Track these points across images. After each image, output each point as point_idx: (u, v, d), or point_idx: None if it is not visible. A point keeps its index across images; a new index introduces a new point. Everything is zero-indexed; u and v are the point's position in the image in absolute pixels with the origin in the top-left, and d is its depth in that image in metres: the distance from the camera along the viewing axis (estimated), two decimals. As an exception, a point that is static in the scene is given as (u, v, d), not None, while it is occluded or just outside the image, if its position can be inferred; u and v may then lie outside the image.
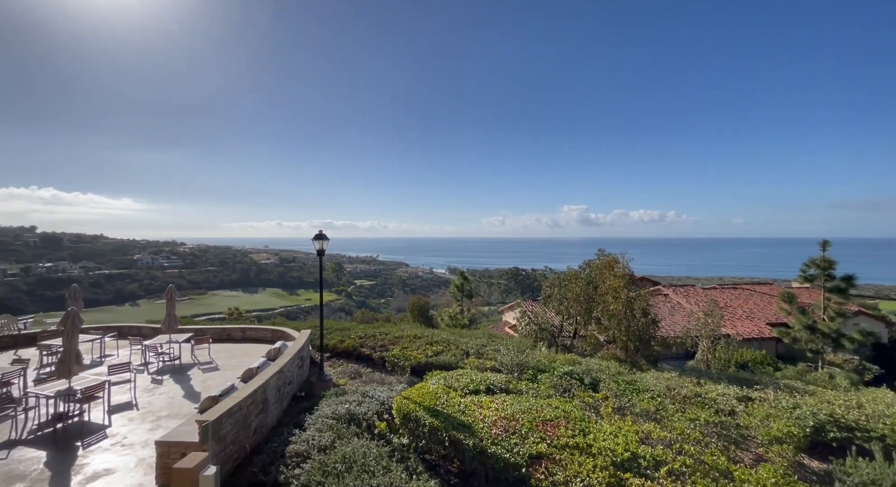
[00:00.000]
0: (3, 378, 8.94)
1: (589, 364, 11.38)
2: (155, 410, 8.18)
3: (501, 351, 11.62)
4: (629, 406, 8.64)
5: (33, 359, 11.53)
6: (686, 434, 7.31)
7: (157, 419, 7.74)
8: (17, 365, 9.81)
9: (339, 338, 13.63)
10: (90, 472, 5.94)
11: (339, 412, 7.33)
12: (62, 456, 6.37)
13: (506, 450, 6.22)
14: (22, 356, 11.82)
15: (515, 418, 7.14)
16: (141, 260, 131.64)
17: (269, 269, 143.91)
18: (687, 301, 23.58)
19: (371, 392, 8.64)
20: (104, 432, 7.19)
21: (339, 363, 12.45)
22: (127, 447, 6.67)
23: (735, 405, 8.70)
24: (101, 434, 7.09)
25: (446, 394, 8.02)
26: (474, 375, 9.47)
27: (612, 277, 13.78)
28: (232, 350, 13.17)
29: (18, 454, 6.44)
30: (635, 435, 6.95)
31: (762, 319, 22.18)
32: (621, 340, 13.36)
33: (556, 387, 9.53)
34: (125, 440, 6.91)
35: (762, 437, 7.44)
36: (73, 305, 10.91)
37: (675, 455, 6.54)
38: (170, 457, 5.51)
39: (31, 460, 6.25)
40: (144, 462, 6.16)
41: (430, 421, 6.87)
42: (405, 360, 11.65)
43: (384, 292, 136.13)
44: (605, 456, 6.23)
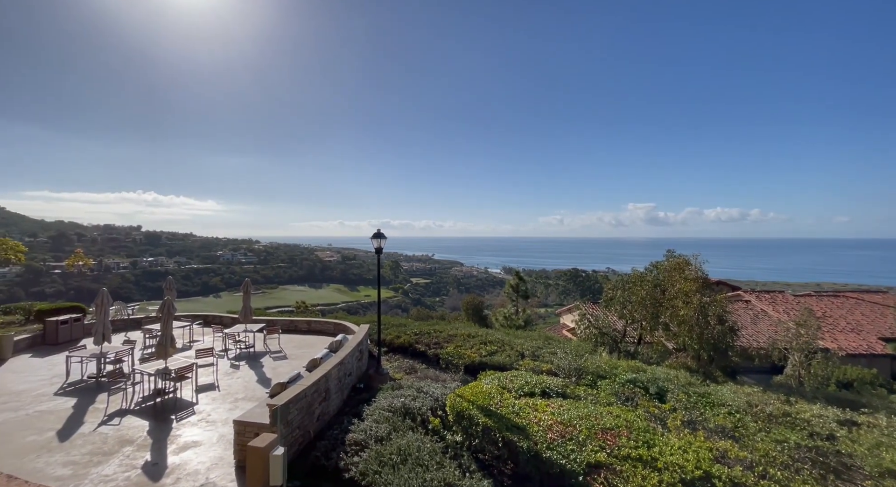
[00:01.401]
0: (118, 356, 10.41)
1: (655, 372, 10.60)
2: (233, 392, 9.01)
3: (558, 354, 11.23)
4: (701, 420, 7.91)
5: (139, 341, 13.28)
6: (771, 457, 6.53)
7: (235, 400, 8.53)
8: (127, 346, 11.36)
9: (396, 334, 14.02)
10: (182, 443, 6.70)
11: (395, 405, 7.54)
12: (161, 426, 7.26)
13: (562, 456, 6.00)
14: (130, 337, 13.66)
15: (572, 424, 6.86)
16: (222, 256, 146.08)
17: (333, 266, 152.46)
18: (774, 308, 21.04)
19: (425, 388, 8.78)
20: (192, 409, 8.07)
21: (395, 358, 12.82)
22: (210, 423, 7.42)
23: (835, 429, 7.60)
24: (189, 410, 7.97)
25: (500, 395, 7.92)
26: (529, 377, 9.25)
27: (682, 280, 12.70)
28: (298, 340, 14.12)
29: (128, 422, 7.44)
30: (708, 453, 6.36)
31: (873, 333, 19.12)
32: (693, 348, 12.26)
33: (617, 395, 9.01)
34: (209, 417, 7.69)
35: (871, 469, 6.42)
36: (168, 295, 12.39)
37: (758, 479, 5.88)
38: (245, 436, 6.03)
39: (137, 428, 7.20)
40: (224, 438, 6.81)
41: (484, 421, 6.83)
42: (459, 358, 11.70)
43: (439, 290, 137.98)
44: (672, 472, 5.77)
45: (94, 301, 10.19)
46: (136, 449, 6.46)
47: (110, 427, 7.24)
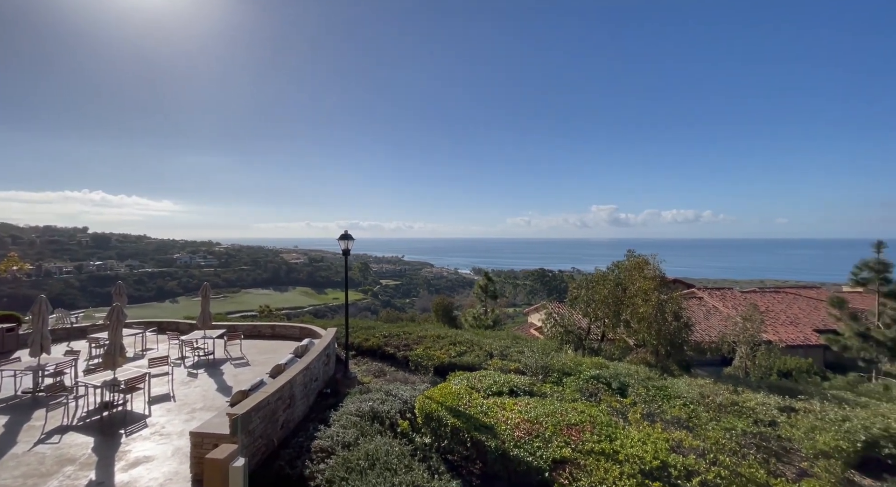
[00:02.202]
0: (58, 367, 9.62)
1: (617, 368, 11.04)
2: (190, 402, 8.56)
3: (526, 352, 11.46)
4: (659, 412, 8.31)
5: (83, 351, 12.33)
6: (721, 444, 6.96)
7: (192, 410, 8.10)
8: (70, 356, 10.53)
9: (364, 337, 13.82)
10: (132, 458, 6.28)
11: (362, 409, 7.43)
12: (108, 443, 6.77)
13: (528, 453, 6.13)
14: (74, 347, 12.67)
15: (539, 421, 7.02)
16: (179, 259, 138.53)
17: (299, 269, 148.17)
18: (724, 305, 22.48)
19: (394, 390, 8.70)
20: (144, 421, 7.59)
21: (363, 361, 12.63)
22: (164, 436, 7.01)
23: (776, 415, 8.21)
24: (141, 424, 7.49)
25: (469, 395, 7.99)
26: (497, 376, 9.38)
27: (641, 279, 13.31)
28: (262, 346, 13.61)
29: (69, 439, 6.89)
30: (665, 443, 6.69)
31: (808, 325, 20.84)
32: (651, 344, 12.88)
33: (581, 391, 9.30)
34: (163, 429, 7.26)
35: (807, 451, 6.98)
36: (118, 301, 11.59)
37: (709, 466, 6.24)
38: (203, 448, 5.74)
39: (80, 445, 6.68)
40: (180, 451, 6.45)
41: (453, 422, 6.86)
42: (428, 360, 11.69)
43: (409, 292, 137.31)
44: (632, 464, 6.02)
45: (31, 309, 9.38)
46: (78, 469, 5.99)
47: (48, 446, 6.67)
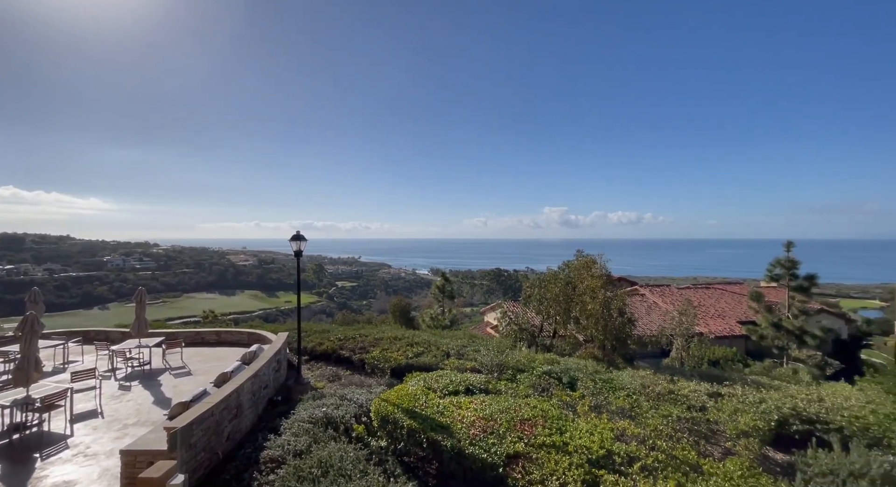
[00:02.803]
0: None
1: (567, 363, 11.55)
2: (121, 418, 7.86)
3: (482, 351, 11.68)
4: (605, 404, 8.80)
5: (-11, 367, 10.91)
6: (659, 431, 7.49)
7: (123, 427, 7.44)
8: (-29, 374, 9.28)
9: (318, 341, 13.42)
10: (49, 484, 5.66)
11: (316, 416, 7.21)
12: (18, 469, 6.05)
13: (483, 450, 6.25)
14: (-23, 363, 11.17)
15: (494, 418, 7.18)
16: (111, 261, 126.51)
17: (248, 271, 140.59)
18: (663, 300, 24.24)
19: (349, 395, 8.53)
20: (65, 442, 6.86)
21: (317, 366, 12.26)
22: (90, 457, 6.38)
23: (706, 401, 8.97)
24: (61, 445, 6.76)
25: (425, 396, 8.00)
26: (454, 376, 9.48)
27: (589, 277, 14.04)
28: (206, 354, 12.79)
29: (-31, 468, 6.08)
30: (611, 433, 7.09)
31: (733, 318, 23.01)
32: (599, 339, 13.61)
33: (534, 387, 9.63)
34: (88, 450, 6.61)
35: (730, 431, 7.70)
36: (32, 309, 10.38)
37: (649, 451, 6.69)
38: (136, 467, 5.30)
39: (-17, 474, 5.92)
40: (109, 473, 5.90)
41: (409, 423, 6.84)
42: (385, 362, 11.57)
43: (366, 293, 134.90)
44: (580, 454, 6.33)
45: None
46: (-17, 500, 5.32)
47: (-57, 478, 5.86)
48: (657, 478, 5.92)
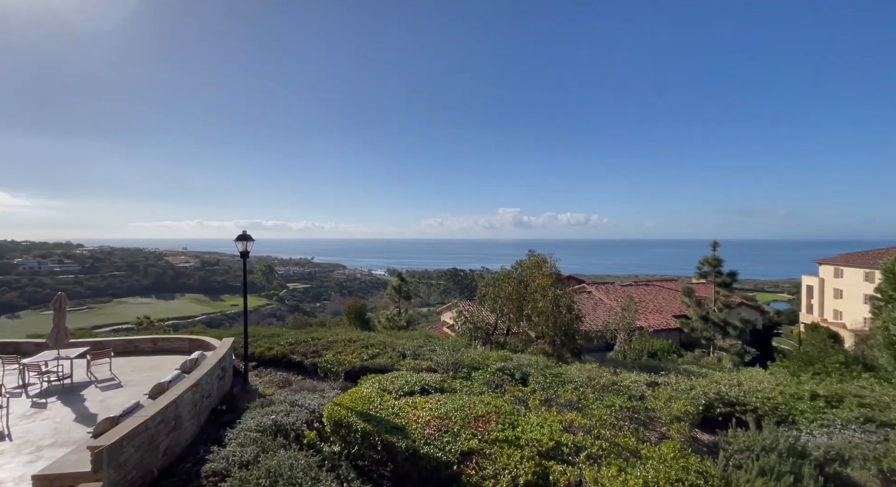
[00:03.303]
0: None
1: (520, 359, 11.93)
2: (35, 439, 7.04)
3: (437, 351, 11.76)
4: (555, 397, 9.20)
5: None
6: (603, 420, 7.95)
7: (37, 449, 6.68)
8: None
9: (268, 345, 12.84)
10: (-57, 521, 4.96)
11: (264, 424, 6.91)
12: None
13: (438, 449, 6.31)
14: None
15: (449, 416, 7.26)
16: (24, 264, 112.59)
17: (189, 273, 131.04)
18: (607, 297, 25.73)
19: (301, 400, 8.26)
20: (-36, 471, 6.04)
21: (266, 372, 11.73)
22: (-4, 485, 5.66)
23: (645, 390, 9.65)
24: (-41, 474, 5.95)
25: (380, 397, 7.94)
26: (409, 376, 9.47)
27: (540, 276, 14.61)
28: (140, 364, 11.78)
29: None
30: (559, 425, 7.42)
31: (669, 312, 24.94)
32: (549, 335, 14.20)
33: (488, 384, 9.85)
34: (-7, 477, 5.86)
35: (665, 417, 8.35)
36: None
37: (594, 440, 7.09)
38: (54, 492, 4.79)
39: None
40: (20, 501, 5.28)
41: (363, 426, 6.76)
42: (339, 365, 11.30)
43: (320, 295, 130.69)
44: (531, 447, 6.57)
45: None
46: None
47: None
48: (601, 465, 6.29)
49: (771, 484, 5.97)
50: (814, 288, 46.32)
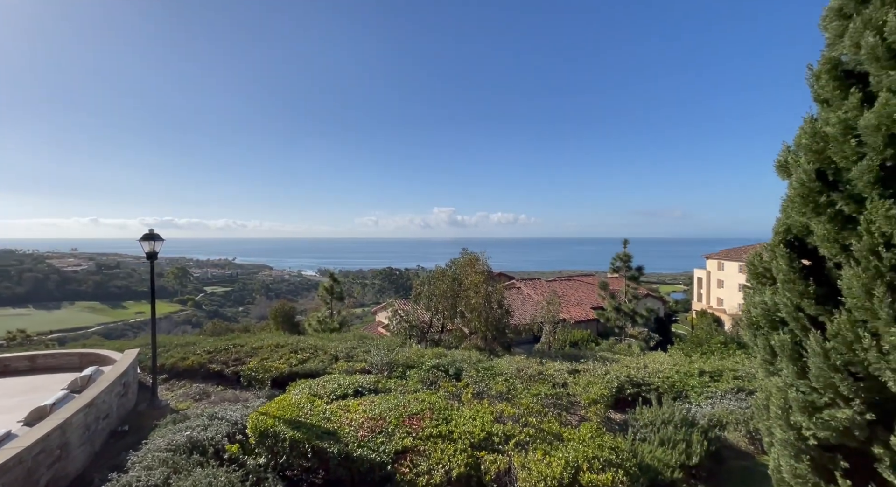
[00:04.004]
0: None
1: (454, 355, 12.22)
2: None
3: (372, 351, 11.59)
4: (487, 390, 9.58)
5: None
6: (531, 408, 8.46)
7: None
8: None
9: (182, 355, 11.67)
10: None
11: (176, 441, 6.27)
12: None
13: (372, 450, 6.25)
14: None
15: (383, 417, 7.22)
16: None
17: (81, 278, 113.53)
18: (535, 292, 27.33)
19: (221, 412, 7.63)
20: None
21: (180, 384, 10.66)
22: None
23: (567, 378, 10.46)
24: None
25: (311, 403, 7.63)
26: (342, 379, 9.22)
27: (473, 274, 15.08)
28: (12, 386, 9.99)
29: None
30: (490, 416, 7.74)
31: (588, 304, 27.20)
32: (481, 330, 14.73)
33: (423, 381, 9.96)
34: None
35: (584, 401, 9.13)
36: None
37: (522, 428, 7.51)
38: None
39: None
40: None
41: (292, 434, 6.45)
42: (265, 372, 10.63)
43: (243, 299, 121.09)
44: (464, 440, 6.78)
45: None
46: None
47: None
48: (528, 451, 6.70)
49: (669, 452, 6.85)
50: (702, 279, 53.57)
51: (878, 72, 2.86)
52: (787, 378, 3.47)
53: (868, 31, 2.82)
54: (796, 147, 3.56)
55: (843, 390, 3.00)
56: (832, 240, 3.20)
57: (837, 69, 3.18)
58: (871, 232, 2.88)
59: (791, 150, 3.66)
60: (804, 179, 3.32)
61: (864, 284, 2.89)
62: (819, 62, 3.28)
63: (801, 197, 3.37)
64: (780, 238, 3.68)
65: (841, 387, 3.01)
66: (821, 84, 3.27)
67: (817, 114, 3.45)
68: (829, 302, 3.31)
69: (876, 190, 2.92)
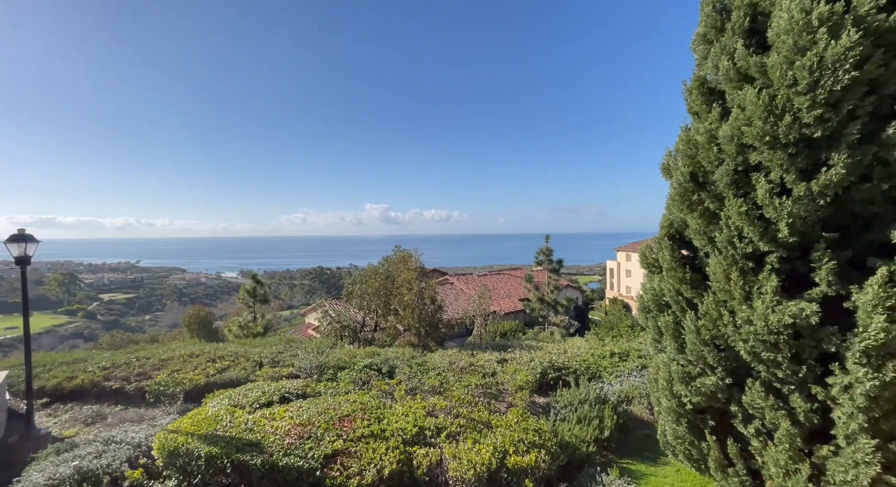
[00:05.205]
0: None
1: (387, 353, 12.14)
2: None
3: (300, 355, 11.09)
4: (420, 385, 9.67)
5: None
6: (462, 399, 8.72)
7: None
8: None
9: (69, 374, 10.16)
10: None
11: (60, 474, 5.46)
12: None
13: (299, 458, 6.01)
14: None
15: (311, 422, 6.96)
16: None
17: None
18: (467, 287, 28.12)
19: (119, 435, 6.79)
20: None
21: (66, 408, 9.26)
22: None
23: (496, 367, 10.95)
24: None
25: (230, 415, 7.11)
26: (267, 386, 8.71)
27: (406, 271, 15.08)
28: None
29: None
30: (423, 411, 7.84)
31: (516, 296, 28.68)
32: (415, 327, 14.82)
33: (355, 382, 9.77)
34: None
35: (511, 388, 9.65)
36: None
37: (453, 419, 7.72)
38: None
39: None
40: None
41: (207, 450, 5.96)
42: (176, 386, 9.65)
43: (150, 306, 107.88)
44: (396, 437, 6.79)
45: None
46: None
47: None
48: (459, 441, 6.92)
49: (585, 428, 7.52)
50: (614, 269, 59.23)
51: (731, 90, 3.42)
52: (670, 353, 4.02)
53: (723, 56, 3.37)
54: (675, 152, 4.13)
55: (710, 360, 3.57)
56: (702, 233, 3.78)
57: (704, 86, 3.75)
58: (728, 226, 3.46)
59: (672, 155, 4.23)
60: (681, 180, 3.87)
61: (724, 270, 3.46)
62: (690, 79, 3.84)
63: (679, 196, 3.91)
64: (665, 232, 4.25)
65: (708, 358, 3.58)
66: (692, 98, 3.83)
67: (691, 124, 4.03)
68: (701, 287, 3.91)
69: (731, 190, 3.50)
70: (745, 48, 3.31)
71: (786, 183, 3.26)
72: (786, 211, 3.12)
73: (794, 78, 2.92)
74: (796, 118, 3.01)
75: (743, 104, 3.24)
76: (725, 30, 3.44)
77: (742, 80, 3.32)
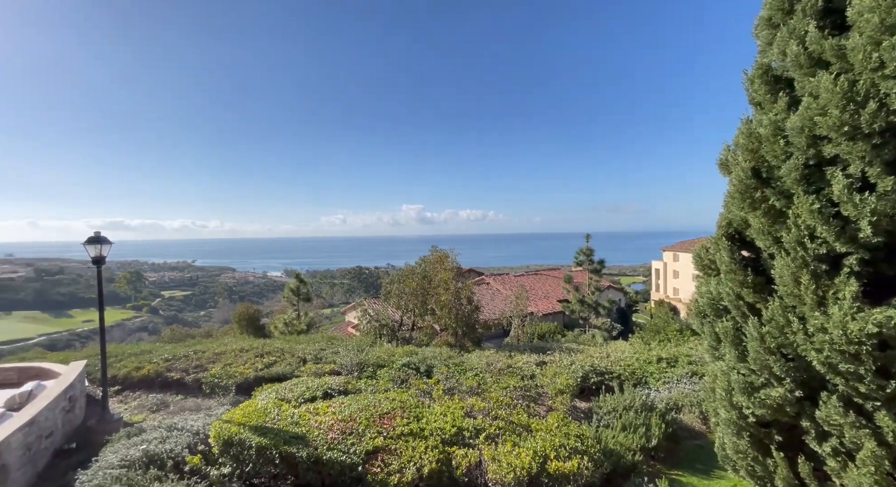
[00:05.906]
0: None
1: (424, 352, 12.25)
2: None
3: (341, 352, 11.43)
4: (457, 385, 9.68)
5: None
6: (500, 401, 8.64)
7: None
8: None
9: (136, 365, 11.06)
10: None
11: (131, 456, 5.95)
12: None
13: (342, 452, 6.19)
14: None
15: (353, 418, 7.15)
16: None
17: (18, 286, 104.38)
18: (503, 287, 27.81)
19: (181, 423, 7.31)
20: None
21: (135, 395, 10.10)
22: None
23: (535, 369, 10.74)
24: None
25: (278, 408, 7.45)
26: (311, 382, 9.05)
27: (443, 271, 15.14)
28: (-61, 407, 9.07)
29: None
30: (461, 411, 7.84)
31: (554, 297, 28.00)
32: (451, 327, 14.84)
33: (394, 380, 9.93)
34: None
35: (551, 391, 9.42)
36: None
37: (492, 421, 7.66)
38: None
39: None
40: None
41: (258, 441, 6.28)
42: (228, 378, 10.26)
43: (204, 303, 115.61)
44: (435, 436, 6.83)
45: None
46: None
47: None
48: (498, 443, 6.84)
49: (630, 436, 7.21)
50: (660, 270, 56.38)
51: (801, 78, 3.13)
52: (729, 362, 3.75)
53: (792, 40, 3.08)
54: (735, 146, 3.84)
55: (776, 370, 3.29)
56: (766, 233, 3.49)
57: (768, 74, 3.45)
58: (797, 225, 3.16)
59: (731, 149, 3.94)
60: (742, 176, 3.59)
61: (792, 273, 3.17)
62: (752, 67, 3.55)
63: (739, 193, 3.64)
64: (723, 231, 3.97)
65: (774, 368, 3.29)
66: (754, 88, 3.54)
67: (752, 116, 3.73)
68: (765, 291, 3.61)
69: (801, 186, 3.20)
70: (819, 30, 3.01)
71: (868, 177, 2.94)
72: (868, 208, 2.81)
73: (881, 60, 2.62)
74: (882, 105, 2.71)
75: (816, 92, 2.96)
76: (795, 11, 3.15)
77: (814, 65, 3.03)
